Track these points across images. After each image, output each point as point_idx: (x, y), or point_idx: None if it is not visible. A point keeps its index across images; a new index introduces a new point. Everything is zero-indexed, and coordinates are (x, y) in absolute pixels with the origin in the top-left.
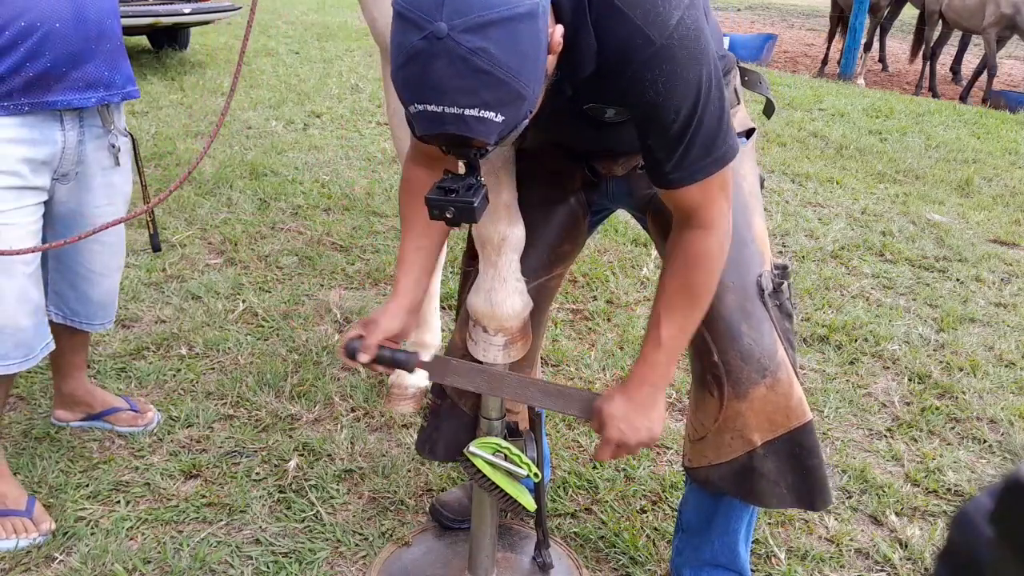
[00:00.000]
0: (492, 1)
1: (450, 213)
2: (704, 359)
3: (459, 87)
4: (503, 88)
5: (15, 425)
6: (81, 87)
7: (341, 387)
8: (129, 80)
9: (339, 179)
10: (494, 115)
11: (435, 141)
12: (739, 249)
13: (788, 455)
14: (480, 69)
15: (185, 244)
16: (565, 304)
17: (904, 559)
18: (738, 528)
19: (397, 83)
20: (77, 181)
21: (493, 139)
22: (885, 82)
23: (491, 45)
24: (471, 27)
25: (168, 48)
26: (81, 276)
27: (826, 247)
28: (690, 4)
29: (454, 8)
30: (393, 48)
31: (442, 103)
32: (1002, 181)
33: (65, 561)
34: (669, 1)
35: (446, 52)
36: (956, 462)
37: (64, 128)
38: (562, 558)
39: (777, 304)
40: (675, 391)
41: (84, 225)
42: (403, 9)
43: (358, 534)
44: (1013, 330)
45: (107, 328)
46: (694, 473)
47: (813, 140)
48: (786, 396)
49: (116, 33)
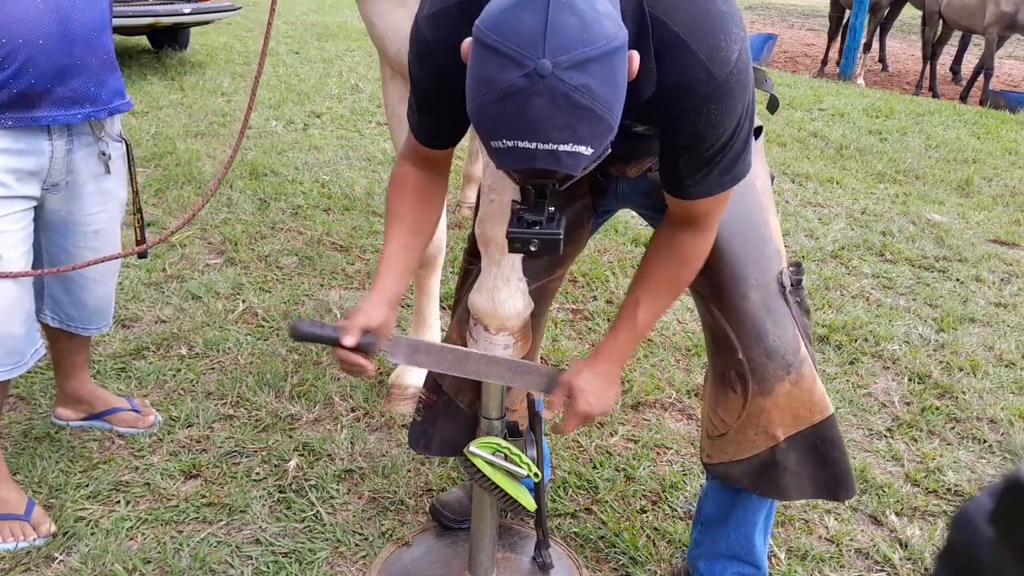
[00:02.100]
0: (593, 36)
1: (534, 246)
2: (728, 356)
3: (557, 124)
4: (598, 123)
5: (15, 425)
6: (67, 104)
7: (341, 387)
8: (117, 94)
9: (339, 179)
10: (585, 148)
11: (517, 174)
12: (760, 247)
13: (810, 448)
14: (580, 106)
15: (185, 244)
16: (565, 304)
17: (904, 559)
18: (756, 520)
19: (484, 118)
20: (69, 190)
21: (579, 171)
22: (885, 82)
23: (592, 81)
24: (575, 64)
25: (168, 48)
26: (76, 282)
27: (826, 247)
28: (744, 37)
29: (557, 44)
30: (479, 82)
31: (535, 139)
32: (1002, 181)
33: (65, 561)
34: (729, 36)
35: (548, 90)
36: (956, 462)
37: (52, 139)
38: (562, 558)
39: (798, 301)
40: (675, 391)
41: (79, 232)
42: (495, 43)
43: (358, 534)
44: (1013, 330)
45: (103, 332)
46: (713, 469)
47: (813, 140)
48: (809, 391)
49: (104, 47)
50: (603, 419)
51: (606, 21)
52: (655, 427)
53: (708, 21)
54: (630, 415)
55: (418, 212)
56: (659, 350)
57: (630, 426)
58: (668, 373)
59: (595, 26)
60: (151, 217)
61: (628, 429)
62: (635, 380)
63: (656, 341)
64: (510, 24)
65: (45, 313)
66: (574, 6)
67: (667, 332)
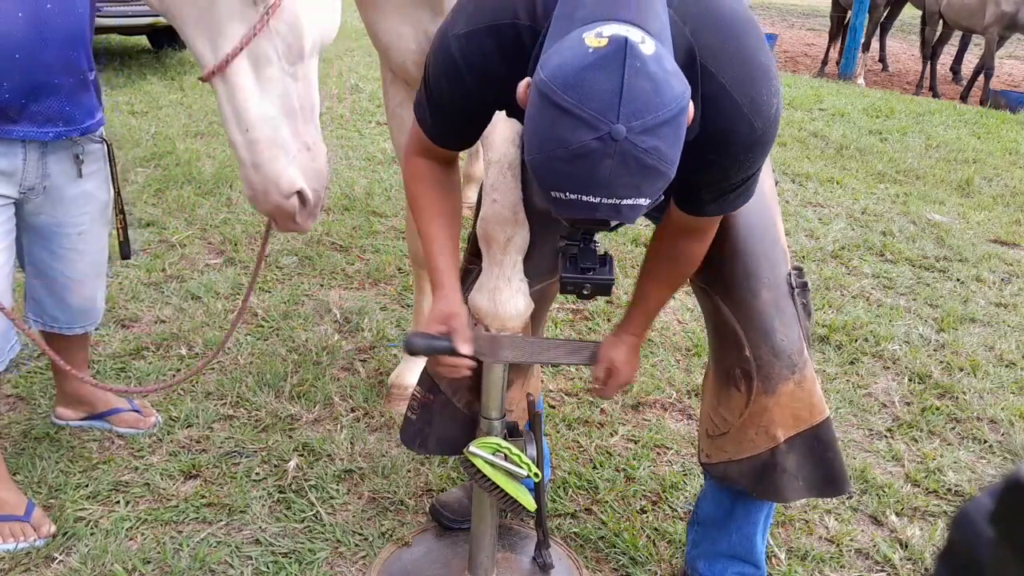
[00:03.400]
0: (664, 99)
1: (587, 290)
2: (734, 353)
3: (624, 183)
4: (661, 178)
5: (15, 425)
6: (40, 121)
7: (341, 387)
8: (89, 114)
9: (339, 179)
10: (644, 200)
11: (574, 221)
12: (771, 247)
13: (808, 450)
14: (648, 166)
15: (185, 244)
16: (565, 304)
17: (904, 559)
18: (758, 519)
19: (550, 173)
20: (48, 194)
21: (635, 219)
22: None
23: (661, 143)
24: (648, 128)
25: (168, 48)
26: (59, 283)
27: (826, 247)
28: (780, 87)
29: (631, 109)
30: (547, 138)
31: (601, 195)
32: (1002, 181)
33: (65, 561)
34: (770, 89)
35: (620, 152)
36: (956, 462)
37: (26, 148)
38: (562, 558)
39: (803, 303)
40: (675, 391)
41: (62, 235)
42: (569, 105)
43: (358, 534)
44: (1013, 330)
45: (89, 330)
46: (712, 469)
47: (813, 140)
48: (810, 393)
49: (80, 67)
50: (603, 419)
51: (674, 81)
52: (655, 427)
53: (753, 74)
54: (630, 415)
55: (447, 201)
56: (659, 350)
57: (630, 426)
58: (668, 373)
59: (666, 88)
60: (151, 217)
61: (628, 429)
62: (635, 380)
63: (656, 341)
64: (585, 87)
65: (28, 316)
66: (647, 70)
67: (667, 332)
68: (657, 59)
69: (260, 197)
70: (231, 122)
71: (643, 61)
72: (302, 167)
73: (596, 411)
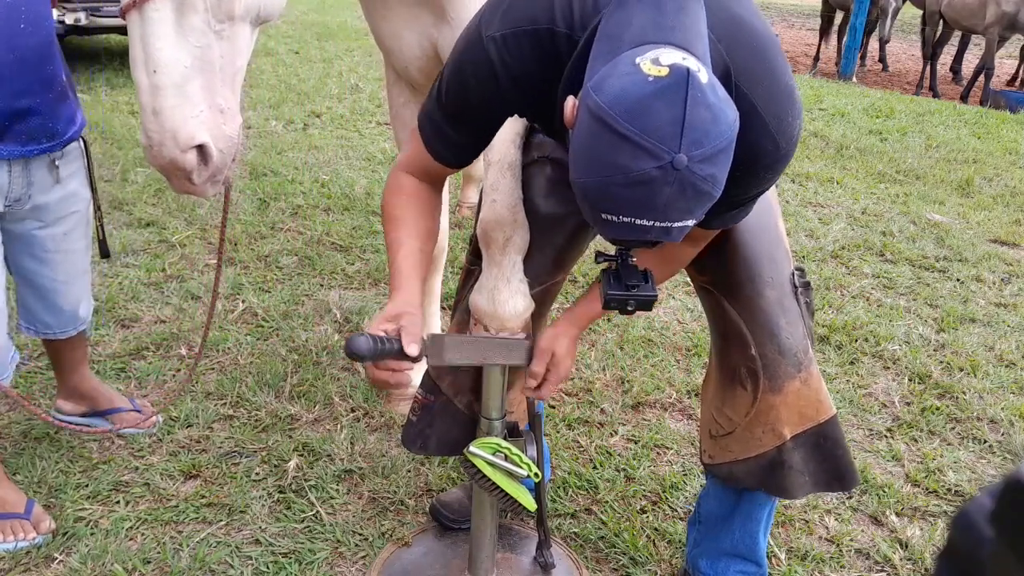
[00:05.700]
0: (720, 128)
1: (631, 306)
2: (740, 352)
3: (680, 208)
4: (711, 200)
5: (15, 425)
6: (23, 140)
7: (341, 387)
8: (70, 121)
9: (339, 179)
10: (693, 221)
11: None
12: (775, 246)
13: (814, 447)
14: (703, 191)
15: (185, 244)
16: (565, 304)
17: (904, 559)
18: (760, 517)
19: (605, 198)
20: (33, 201)
21: (680, 239)
22: (885, 82)
23: (717, 170)
24: (706, 157)
25: None
26: (49, 289)
27: (826, 247)
28: (802, 108)
29: (692, 139)
30: (605, 164)
31: (654, 219)
32: (1002, 181)
33: (65, 561)
34: (793, 110)
35: (679, 180)
36: (956, 462)
37: (10, 164)
38: (562, 558)
39: (807, 302)
40: (675, 391)
41: (48, 238)
42: (633, 134)
43: (358, 534)
44: (1013, 330)
45: (80, 330)
46: (716, 469)
47: (813, 140)
48: (816, 391)
49: (58, 79)
50: (603, 419)
51: (728, 109)
52: (655, 427)
53: (780, 95)
54: (630, 415)
55: (423, 219)
56: (659, 350)
57: (630, 426)
58: (668, 373)
59: (722, 116)
60: (151, 217)
61: (628, 429)
62: (635, 380)
63: (656, 341)
64: (647, 116)
65: (20, 325)
66: (707, 100)
67: (667, 332)
68: (712, 87)
69: (155, 148)
70: (139, 62)
71: (703, 91)
72: (208, 125)
73: (596, 411)
